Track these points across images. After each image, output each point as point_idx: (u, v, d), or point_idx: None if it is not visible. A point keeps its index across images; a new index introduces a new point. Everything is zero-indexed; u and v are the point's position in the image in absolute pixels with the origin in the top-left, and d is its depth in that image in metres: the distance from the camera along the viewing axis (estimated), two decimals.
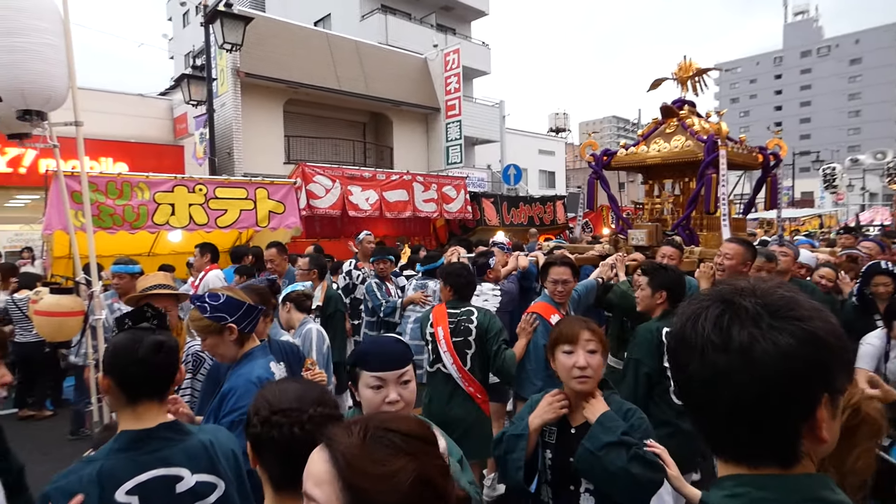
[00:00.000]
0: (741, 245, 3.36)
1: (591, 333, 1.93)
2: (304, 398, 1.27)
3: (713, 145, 4.92)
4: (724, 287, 0.82)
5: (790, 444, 0.74)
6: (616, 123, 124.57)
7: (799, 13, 76.23)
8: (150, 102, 15.31)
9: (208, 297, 2.13)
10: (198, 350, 2.93)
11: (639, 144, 5.72)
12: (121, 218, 6.12)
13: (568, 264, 3.48)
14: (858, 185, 31.49)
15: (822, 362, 0.72)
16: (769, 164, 5.66)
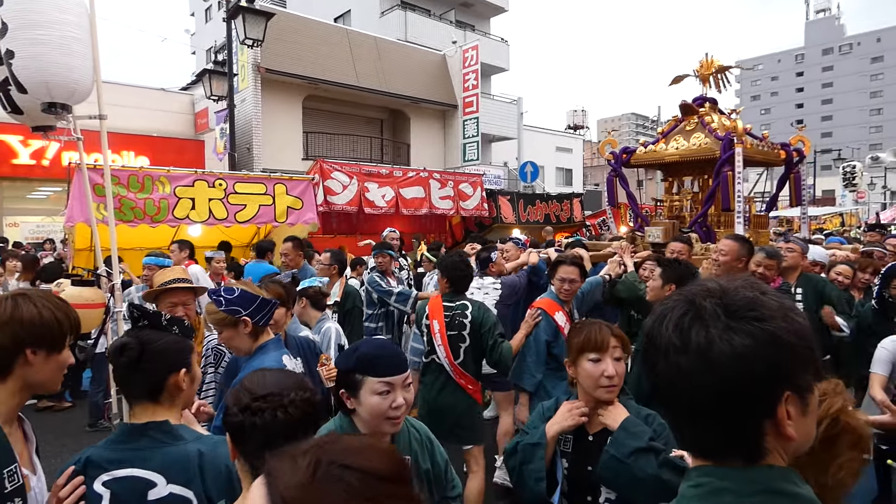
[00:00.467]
0: (736, 241, 3.44)
1: (618, 340, 1.88)
2: (283, 384, 1.29)
3: (729, 143, 4.89)
4: (694, 287, 0.83)
5: (753, 440, 0.76)
6: (635, 121, 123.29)
7: (820, 11, 74.89)
8: (172, 97, 15.49)
9: (224, 290, 2.16)
10: (217, 344, 2.93)
11: (658, 142, 5.71)
12: (142, 211, 6.19)
13: (577, 265, 3.51)
14: (880, 183, 30.79)
15: (780, 361, 0.73)
16: (792, 160, 5.61)
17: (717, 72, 5.52)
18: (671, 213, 5.73)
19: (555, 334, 3.35)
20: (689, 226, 5.30)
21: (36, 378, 1.42)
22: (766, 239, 5.54)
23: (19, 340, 1.38)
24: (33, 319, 1.39)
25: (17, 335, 1.38)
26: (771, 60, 76.06)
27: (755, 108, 76.37)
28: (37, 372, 1.41)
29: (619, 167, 5.88)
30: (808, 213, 6.72)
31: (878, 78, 66.98)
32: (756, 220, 5.80)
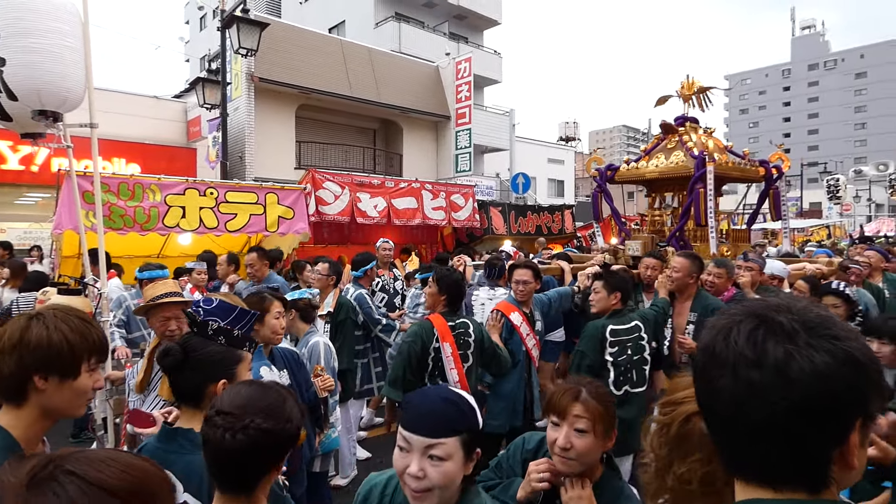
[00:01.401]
0: (687, 259, 3.74)
1: (584, 409, 1.64)
2: (249, 405, 1.23)
3: (702, 161, 5.07)
4: (756, 303, 0.79)
5: (821, 468, 0.71)
6: (626, 133, 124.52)
7: (806, 27, 76.41)
8: (165, 104, 15.44)
9: (202, 301, 2.08)
10: None
11: (641, 159, 5.92)
12: (131, 219, 6.15)
13: (530, 267, 3.86)
14: (865, 196, 31.29)
15: (859, 385, 0.70)
16: (771, 176, 5.76)
17: (698, 92, 5.71)
18: (653, 228, 5.93)
19: (510, 332, 3.68)
20: (667, 240, 5.44)
21: (52, 404, 1.36)
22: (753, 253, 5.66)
23: (25, 366, 1.32)
24: (40, 344, 1.32)
25: (23, 361, 1.31)
26: (759, 75, 77.32)
27: (744, 122, 77.48)
28: (51, 398, 1.34)
29: (604, 183, 6.05)
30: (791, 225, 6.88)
31: (861, 93, 68.33)
32: (735, 234, 6.01)
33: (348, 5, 22.66)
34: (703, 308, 3.65)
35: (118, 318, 4.60)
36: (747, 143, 72.63)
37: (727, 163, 5.44)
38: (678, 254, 3.95)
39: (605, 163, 6.14)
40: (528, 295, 3.80)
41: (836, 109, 69.22)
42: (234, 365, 1.63)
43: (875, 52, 67.62)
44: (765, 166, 5.75)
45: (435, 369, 3.17)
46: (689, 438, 1.12)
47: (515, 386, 3.71)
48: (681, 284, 3.70)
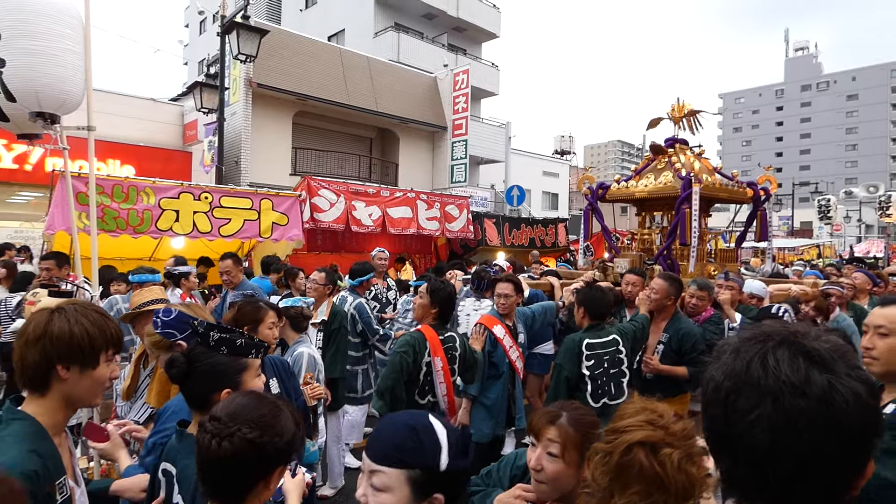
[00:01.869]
0: (666, 281, 3.84)
1: (557, 433, 1.60)
2: (239, 414, 1.24)
3: (688, 183, 5.19)
4: (776, 328, 0.78)
5: (842, 494, 0.72)
6: (621, 148, 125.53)
7: (799, 49, 77.60)
8: (162, 107, 15.43)
9: (162, 312, 1.98)
10: None
11: (631, 179, 6.07)
12: (125, 222, 6.13)
13: (512, 281, 4.00)
14: (855, 216, 31.67)
15: (879, 412, 0.72)
16: (759, 198, 5.88)
17: (688, 114, 5.85)
18: (643, 246, 6.05)
19: (493, 344, 3.77)
20: (654, 258, 5.53)
21: (73, 393, 1.45)
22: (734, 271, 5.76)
23: (49, 357, 1.40)
24: (62, 336, 1.41)
25: (47, 351, 1.40)
26: (752, 94, 78.33)
27: (737, 140, 78.35)
28: (73, 387, 1.44)
29: (595, 202, 6.17)
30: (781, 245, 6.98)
31: (853, 115, 69.34)
32: (723, 253, 6.14)
33: (348, 14, 22.81)
34: (675, 331, 3.73)
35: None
36: (740, 161, 73.52)
37: (716, 184, 5.57)
38: (658, 275, 4.05)
39: (597, 181, 6.27)
40: (509, 308, 3.95)
41: (827, 130, 70.17)
42: (238, 374, 1.65)
43: (866, 75, 68.78)
44: (753, 188, 5.87)
45: (425, 384, 3.14)
46: (630, 469, 1.10)
47: (500, 396, 3.80)
48: (658, 305, 3.81)
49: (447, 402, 3.18)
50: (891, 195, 14.48)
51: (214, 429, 1.22)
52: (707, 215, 6.03)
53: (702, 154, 6.11)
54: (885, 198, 14.45)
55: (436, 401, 3.17)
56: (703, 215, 5.84)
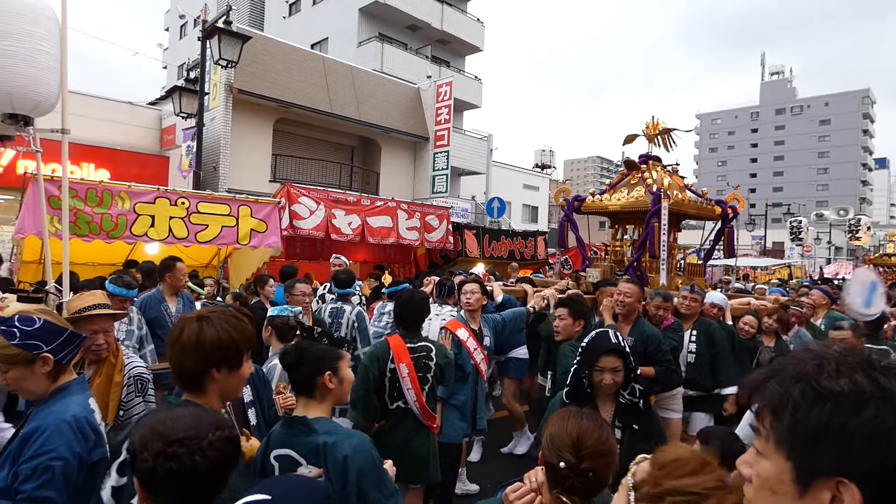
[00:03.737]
0: (635, 285, 4.14)
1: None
2: (200, 425, 1.24)
3: (657, 198, 5.38)
4: (832, 351, 0.74)
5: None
6: (600, 164, 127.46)
7: (775, 73, 79.95)
8: (139, 111, 15.20)
9: (19, 320, 1.78)
10: (142, 371, 2.80)
11: (605, 193, 6.25)
12: (98, 226, 6.01)
13: (476, 282, 4.29)
14: (825, 238, 32.57)
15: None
16: (727, 216, 6.08)
17: (662, 132, 6.05)
18: (615, 258, 6.22)
19: (458, 347, 3.92)
20: (624, 270, 5.72)
21: (224, 389, 1.70)
22: (702, 285, 5.95)
23: (205, 364, 1.61)
24: (213, 343, 1.61)
25: (202, 359, 1.61)
26: (728, 116, 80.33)
27: (713, 160, 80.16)
28: (224, 385, 1.68)
29: (571, 213, 6.33)
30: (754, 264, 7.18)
31: (825, 139, 71.52)
32: (691, 268, 6.38)
33: (332, 23, 22.85)
34: (640, 334, 3.89)
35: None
36: (715, 181, 75.16)
37: (686, 200, 5.78)
38: (627, 280, 4.30)
39: (573, 194, 6.41)
40: (474, 305, 4.14)
41: (800, 153, 72.20)
42: (337, 360, 1.92)
43: (839, 101, 71.06)
44: (721, 206, 6.06)
45: (393, 390, 3.24)
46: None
47: (468, 397, 3.93)
48: (630, 308, 4.01)
49: (419, 408, 3.24)
50: (860, 219, 14.94)
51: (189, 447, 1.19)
52: (677, 230, 6.23)
53: (676, 171, 6.30)
54: (855, 221, 14.91)
55: (406, 406, 3.24)
56: (674, 230, 6.05)
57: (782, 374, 0.74)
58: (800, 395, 0.70)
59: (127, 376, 2.69)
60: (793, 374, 0.73)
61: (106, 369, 2.62)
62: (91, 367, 2.64)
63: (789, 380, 0.73)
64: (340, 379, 1.93)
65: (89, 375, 2.59)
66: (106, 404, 2.52)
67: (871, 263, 15.64)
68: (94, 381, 2.54)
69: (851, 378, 0.69)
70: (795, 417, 0.70)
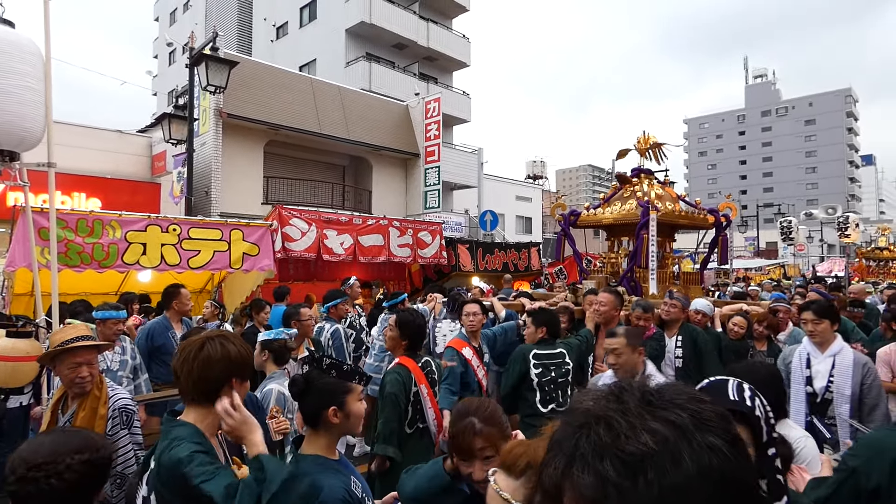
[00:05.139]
0: (612, 294, 4.34)
1: (486, 440, 1.71)
2: (59, 450, 1.36)
3: (646, 210, 5.53)
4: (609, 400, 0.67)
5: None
6: (591, 172, 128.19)
7: (758, 76, 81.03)
8: (129, 139, 15.26)
9: None
10: (127, 403, 2.73)
11: (599, 206, 6.42)
12: (89, 256, 5.99)
13: (477, 303, 4.44)
14: (817, 237, 32.77)
15: None
16: (721, 224, 6.19)
17: (653, 147, 6.23)
18: (611, 269, 6.36)
19: (465, 365, 4.06)
20: (619, 281, 5.83)
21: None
22: (698, 293, 6.08)
23: (228, 373, 1.80)
24: (237, 356, 1.82)
25: (228, 369, 1.80)
26: (716, 119, 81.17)
27: (703, 163, 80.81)
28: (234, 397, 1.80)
29: (567, 227, 6.46)
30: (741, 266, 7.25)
31: (811, 139, 72.32)
32: (686, 276, 6.46)
33: (319, 45, 23.08)
34: None
35: None
36: (706, 184, 75.71)
37: (680, 211, 5.91)
38: (603, 289, 4.50)
39: (569, 208, 6.56)
40: (476, 325, 4.29)
41: (788, 154, 72.96)
42: (344, 395, 1.89)
43: (823, 101, 72.02)
44: (714, 214, 6.17)
45: (415, 413, 3.21)
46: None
47: None
48: (607, 317, 4.23)
49: (437, 425, 3.26)
50: (848, 216, 15.04)
51: (45, 472, 1.32)
52: (671, 240, 6.33)
53: (667, 182, 6.44)
54: (843, 219, 15.01)
55: (425, 426, 3.23)
56: (667, 240, 6.14)
57: (581, 456, 0.61)
58: (616, 474, 0.58)
59: (111, 409, 2.64)
60: (593, 450, 0.61)
61: (90, 402, 2.57)
62: (75, 400, 2.60)
63: (593, 460, 0.60)
64: (347, 413, 1.88)
65: (73, 409, 2.56)
66: None
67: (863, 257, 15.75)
68: (79, 414, 2.50)
69: (648, 428, 0.61)
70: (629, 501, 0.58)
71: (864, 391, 3.31)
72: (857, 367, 3.35)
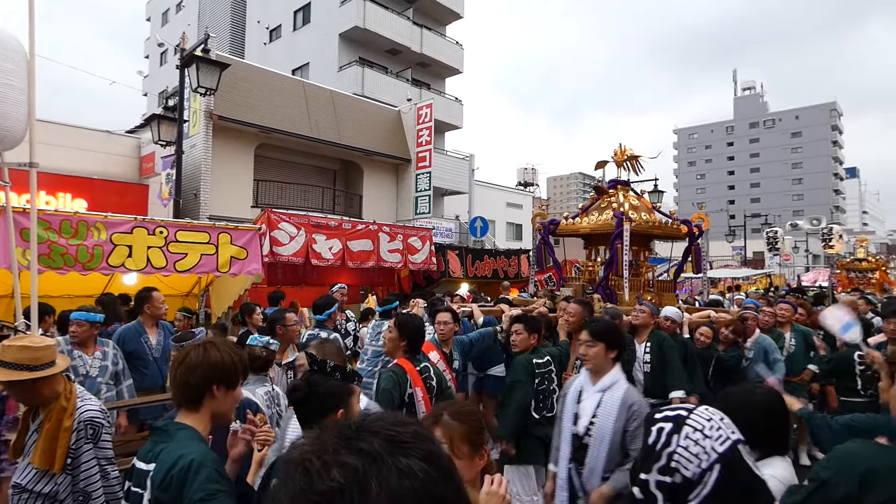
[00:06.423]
0: (580, 305, 4.51)
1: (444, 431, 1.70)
2: None
3: (620, 221, 5.73)
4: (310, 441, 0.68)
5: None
6: (582, 179, 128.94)
7: (747, 88, 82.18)
8: (117, 139, 15.10)
9: None
10: (94, 415, 2.53)
11: (578, 216, 6.59)
12: (73, 258, 5.88)
13: (449, 311, 4.52)
14: (802, 247, 33.17)
15: None
16: (694, 234, 6.36)
17: (629, 158, 6.42)
18: (588, 277, 6.55)
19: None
20: (595, 288, 5.99)
21: (219, 409, 1.81)
22: (672, 301, 6.24)
23: (209, 378, 1.76)
24: (218, 362, 1.78)
25: (207, 375, 1.76)
26: (705, 130, 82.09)
27: (692, 173, 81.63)
28: (220, 404, 1.80)
29: (547, 236, 6.65)
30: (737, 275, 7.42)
31: (797, 151, 73.38)
32: (660, 284, 6.63)
33: (313, 48, 23.05)
34: None
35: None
36: (695, 194, 76.38)
37: (654, 222, 6.10)
38: (573, 301, 4.67)
39: (549, 218, 6.77)
40: (448, 334, 4.39)
41: (775, 165, 73.97)
42: (349, 396, 1.90)
43: (809, 114, 73.21)
44: (687, 225, 6.34)
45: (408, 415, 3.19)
46: None
47: None
48: (576, 326, 4.39)
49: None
50: (832, 227, 15.27)
51: None
52: (646, 250, 6.55)
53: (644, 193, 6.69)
54: (828, 230, 15.24)
55: None
56: (642, 249, 6.32)
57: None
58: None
59: (77, 421, 2.46)
60: (290, 500, 0.60)
61: (56, 413, 2.42)
62: (44, 408, 2.47)
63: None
64: (350, 415, 1.86)
65: (40, 419, 2.45)
66: (54, 451, 2.35)
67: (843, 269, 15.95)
68: (44, 425, 2.39)
69: (339, 463, 0.60)
70: None
71: (626, 438, 2.76)
72: (623, 407, 2.79)
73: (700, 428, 1.31)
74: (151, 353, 5.01)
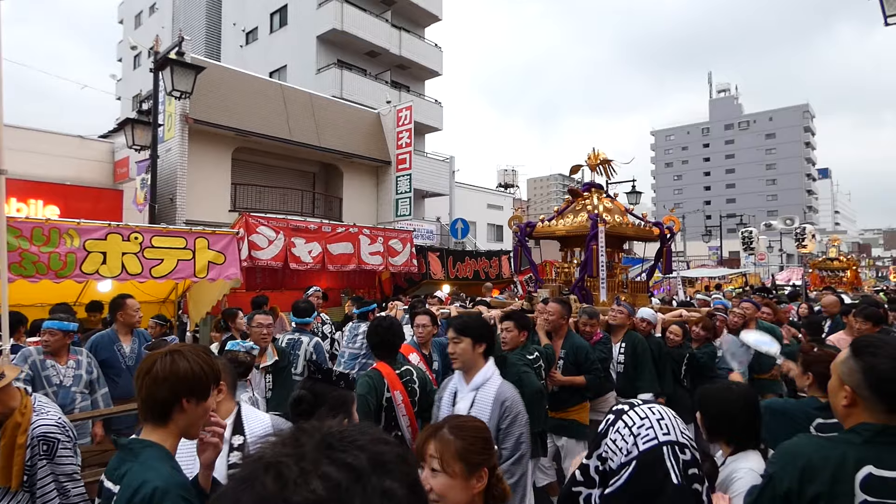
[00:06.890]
0: (560, 304, 4.51)
1: (437, 446, 1.56)
2: None
3: (594, 223, 5.86)
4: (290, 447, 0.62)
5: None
6: (562, 181, 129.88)
7: (722, 91, 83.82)
8: (90, 144, 14.82)
9: None
10: (49, 430, 2.40)
11: (553, 219, 6.68)
12: (45, 266, 5.76)
13: (428, 314, 4.57)
14: (777, 247, 34.00)
15: None
16: (665, 236, 6.53)
17: (602, 163, 6.55)
18: (564, 278, 6.61)
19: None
20: (570, 289, 6.08)
21: (189, 422, 1.66)
22: (645, 301, 6.39)
23: (177, 392, 1.62)
24: (187, 373, 1.63)
25: (175, 388, 1.62)
26: (681, 132, 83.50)
27: (669, 174, 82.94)
28: (189, 417, 1.65)
29: (524, 238, 6.70)
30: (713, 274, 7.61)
31: (771, 152, 75.03)
32: (634, 284, 6.75)
33: (290, 51, 22.90)
34: (571, 346, 4.37)
35: (25, 373, 4.17)
36: (672, 195, 77.62)
37: (627, 224, 6.25)
38: (552, 299, 4.71)
39: (525, 220, 6.82)
40: (426, 337, 4.45)
41: (750, 166, 75.54)
42: (352, 404, 1.88)
43: (782, 115, 74.94)
44: (659, 227, 6.50)
45: (388, 420, 3.14)
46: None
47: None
48: (555, 325, 4.42)
49: (412, 433, 3.17)
50: (805, 227, 15.64)
51: None
52: (620, 251, 6.69)
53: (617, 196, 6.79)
54: (801, 230, 15.59)
55: (401, 434, 3.15)
56: (616, 251, 6.43)
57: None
58: None
59: (31, 437, 2.34)
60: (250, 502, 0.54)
61: (11, 429, 2.32)
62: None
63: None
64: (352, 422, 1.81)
65: None
66: (10, 468, 2.29)
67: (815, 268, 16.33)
68: (2, 441, 2.30)
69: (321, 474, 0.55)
70: None
71: (500, 436, 2.58)
72: (496, 404, 2.65)
73: (631, 424, 1.40)
74: (125, 362, 4.94)
